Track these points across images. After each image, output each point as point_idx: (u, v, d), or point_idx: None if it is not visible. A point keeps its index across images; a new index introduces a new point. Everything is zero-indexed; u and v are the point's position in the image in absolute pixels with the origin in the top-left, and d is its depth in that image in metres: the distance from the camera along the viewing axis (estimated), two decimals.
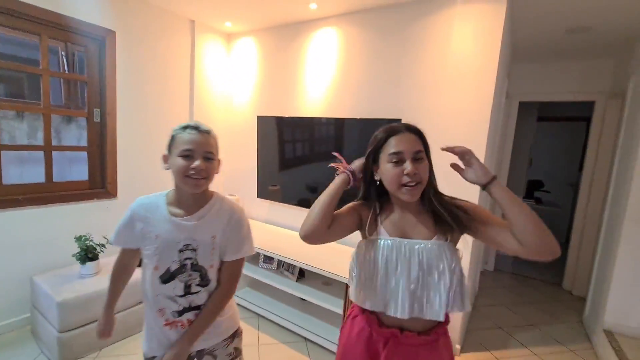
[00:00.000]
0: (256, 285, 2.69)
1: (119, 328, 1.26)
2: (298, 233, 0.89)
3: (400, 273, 0.87)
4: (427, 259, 0.86)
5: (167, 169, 0.95)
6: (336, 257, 2.15)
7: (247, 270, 2.52)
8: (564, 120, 4.61)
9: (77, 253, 2.00)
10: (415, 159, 0.85)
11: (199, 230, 0.96)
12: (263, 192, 2.93)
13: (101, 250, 2.08)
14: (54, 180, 2.24)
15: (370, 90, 2.37)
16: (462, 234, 0.90)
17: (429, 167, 0.89)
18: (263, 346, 2.08)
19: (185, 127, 0.93)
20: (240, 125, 3.11)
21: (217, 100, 3.13)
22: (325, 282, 2.32)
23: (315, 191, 2.66)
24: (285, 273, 2.42)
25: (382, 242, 0.90)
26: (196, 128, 0.93)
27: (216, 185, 2.95)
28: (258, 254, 2.61)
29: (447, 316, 0.90)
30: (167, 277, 0.95)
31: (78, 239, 2.02)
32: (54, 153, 2.23)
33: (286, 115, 2.73)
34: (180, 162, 0.90)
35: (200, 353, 1.03)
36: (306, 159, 2.67)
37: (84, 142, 2.41)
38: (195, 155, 0.91)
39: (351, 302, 0.98)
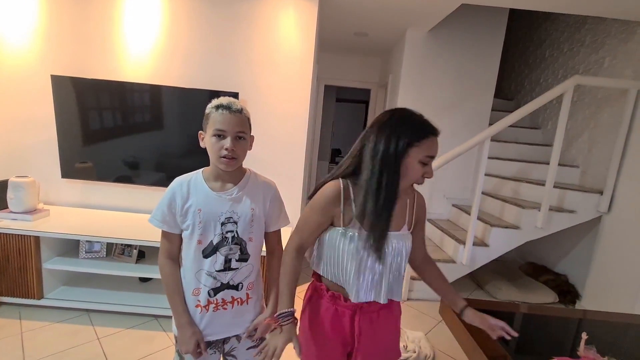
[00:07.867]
0: (77, 280, 2.27)
1: None
2: (126, 213, 0.88)
3: (371, 263, 0.90)
4: (398, 248, 0.92)
5: (203, 147, 0.98)
6: None
7: (63, 264, 2.09)
8: (354, 102, 5.97)
9: None
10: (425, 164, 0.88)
11: (238, 203, 1.01)
12: (70, 171, 2.41)
13: None
14: None
15: (203, 60, 2.36)
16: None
17: None
18: (104, 338, 1.87)
19: (218, 107, 0.94)
20: (24, 86, 2.35)
21: None
22: None
23: (136, 167, 2.44)
24: (121, 257, 2.18)
25: (355, 234, 0.89)
26: (228, 108, 0.94)
27: None
28: (78, 242, 2.20)
29: None
30: (210, 251, 0.98)
31: None
32: None
33: (102, 78, 2.30)
34: (213, 141, 0.94)
35: (227, 338, 1.08)
36: (122, 131, 2.37)
37: None
38: (227, 135, 0.93)
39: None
